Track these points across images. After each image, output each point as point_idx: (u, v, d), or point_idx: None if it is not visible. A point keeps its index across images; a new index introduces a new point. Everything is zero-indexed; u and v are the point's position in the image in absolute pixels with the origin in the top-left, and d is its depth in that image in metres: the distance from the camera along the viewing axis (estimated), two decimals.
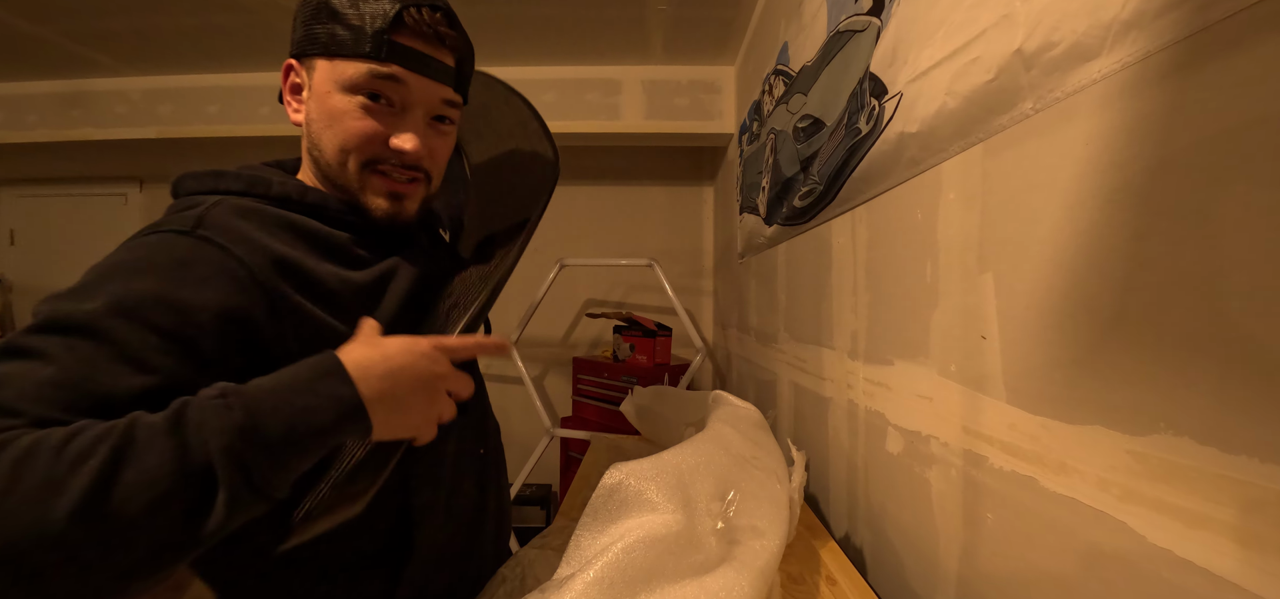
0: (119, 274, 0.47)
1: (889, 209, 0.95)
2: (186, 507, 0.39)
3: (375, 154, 0.60)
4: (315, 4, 0.58)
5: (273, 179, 0.60)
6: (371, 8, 0.56)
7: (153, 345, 0.45)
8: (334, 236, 0.60)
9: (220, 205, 0.54)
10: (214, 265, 0.49)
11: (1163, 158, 0.45)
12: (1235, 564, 0.40)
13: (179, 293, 0.47)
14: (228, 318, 0.48)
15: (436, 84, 0.61)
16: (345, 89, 0.58)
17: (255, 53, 2.45)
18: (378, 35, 0.56)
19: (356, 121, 0.58)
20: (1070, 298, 0.55)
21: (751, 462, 0.79)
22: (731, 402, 1.03)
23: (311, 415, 0.43)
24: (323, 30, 0.58)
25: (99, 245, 2.51)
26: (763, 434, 0.93)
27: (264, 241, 0.53)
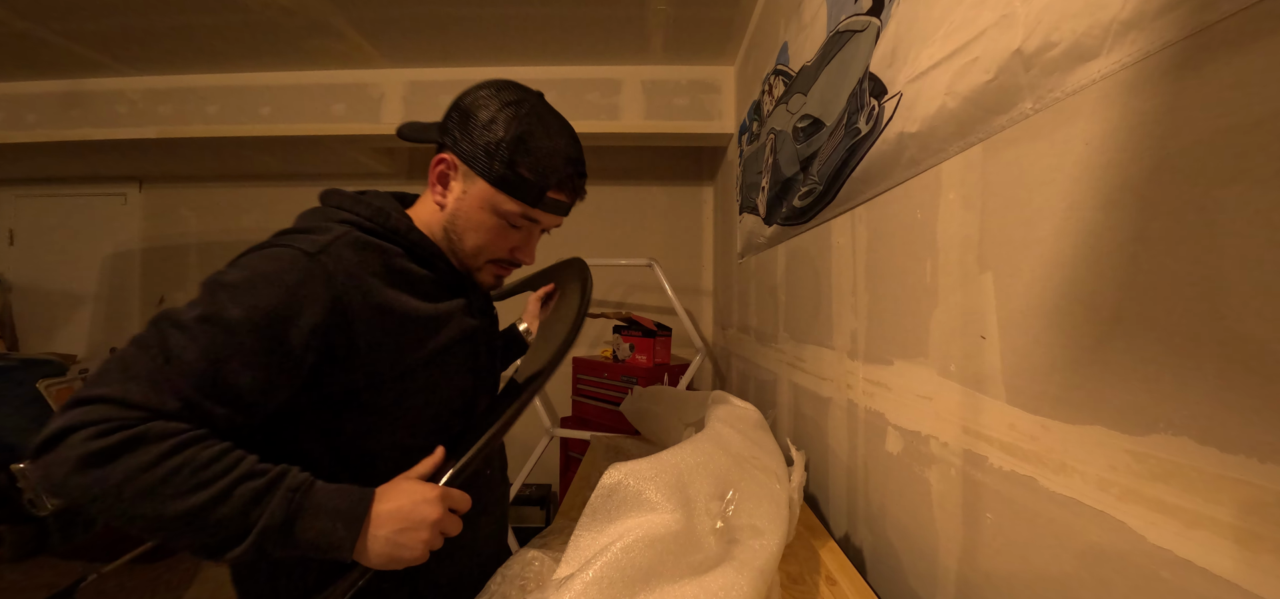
0: (260, 284, 0.62)
1: (889, 209, 0.95)
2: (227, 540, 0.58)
3: (499, 256, 0.80)
4: (504, 142, 0.72)
5: (391, 213, 0.75)
6: (544, 172, 0.73)
7: (269, 349, 0.61)
8: (416, 273, 0.75)
9: (343, 238, 0.69)
10: (320, 289, 0.64)
11: (1163, 158, 0.45)
12: (1234, 564, 0.40)
13: (293, 312, 0.63)
14: (319, 333, 0.64)
15: (558, 217, 0.80)
16: (496, 213, 0.75)
17: (255, 53, 2.45)
18: (537, 190, 0.74)
19: (498, 237, 0.78)
20: (1070, 298, 0.55)
21: (751, 461, 0.79)
22: (731, 401, 1.03)
23: (327, 541, 0.61)
24: (501, 166, 0.72)
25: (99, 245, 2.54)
26: (762, 434, 0.93)
27: (363, 278, 0.68)
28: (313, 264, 0.65)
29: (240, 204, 3.39)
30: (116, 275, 3.42)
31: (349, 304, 0.66)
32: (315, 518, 0.60)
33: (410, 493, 0.65)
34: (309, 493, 0.60)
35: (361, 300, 0.67)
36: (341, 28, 2.23)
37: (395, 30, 2.26)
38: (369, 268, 0.69)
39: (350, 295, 0.66)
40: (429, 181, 0.78)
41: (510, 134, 0.72)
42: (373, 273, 0.69)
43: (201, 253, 3.40)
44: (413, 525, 0.64)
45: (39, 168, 3.22)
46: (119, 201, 3.45)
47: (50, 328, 3.44)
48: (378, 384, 0.70)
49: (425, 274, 0.76)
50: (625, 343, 2.70)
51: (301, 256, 0.65)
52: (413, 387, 0.73)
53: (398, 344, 0.70)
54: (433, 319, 0.74)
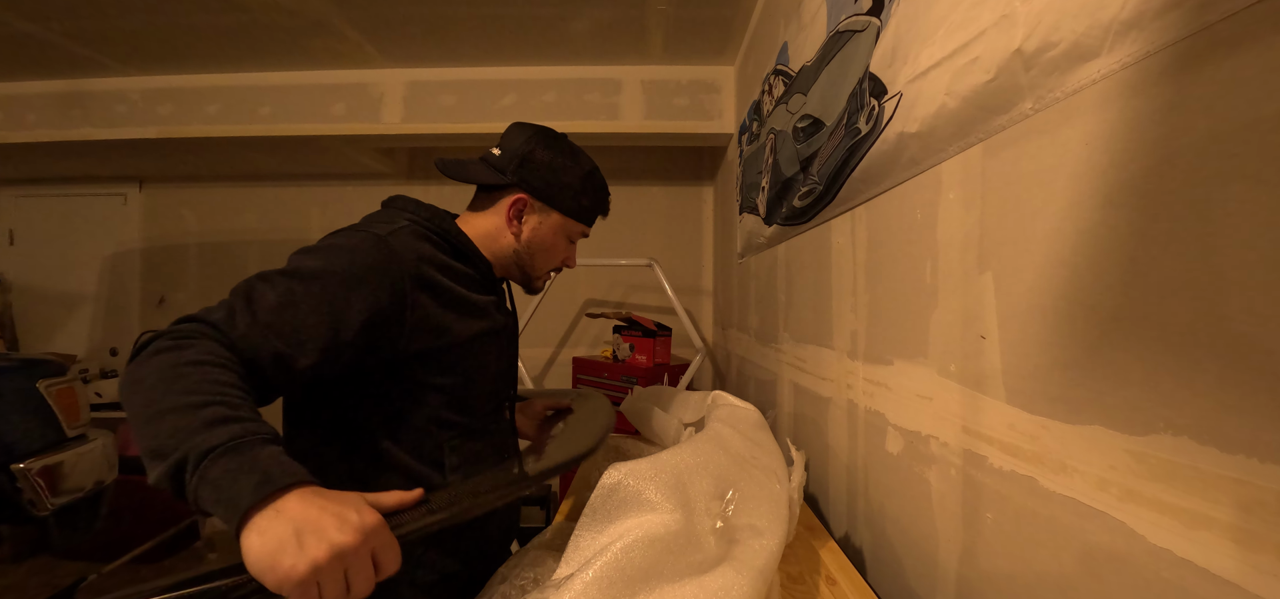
0: (337, 252, 0.74)
1: (889, 209, 0.95)
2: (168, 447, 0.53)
3: (555, 265, 0.99)
4: (569, 183, 0.94)
5: (442, 218, 0.89)
6: (599, 199, 0.99)
7: (337, 307, 0.71)
8: (460, 269, 0.88)
9: (406, 228, 0.82)
10: (388, 263, 0.76)
11: (1163, 158, 0.45)
12: (1234, 564, 0.40)
13: (364, 277, 0.73)
14: (383, 299, 0.74)
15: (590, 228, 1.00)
16: (567, 236, 0.97)
17: (255, 53, 2.45)
18: (590, 214, 0.98)
19: (563, 250, 0.98)
20: (1070, 298, 0.55)
21: (751, 461, 0.79)
22: (730, 402, 1.03)
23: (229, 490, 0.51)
24: (572, 201, 0.94)
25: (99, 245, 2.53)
26: (762, 434, 0.93)
27: (421, 260, 0.80)
28: (382, 243, 0.77)
29: (240, 204, 3.39)
30: (116, 275, 3.42)
31: (409, 278, 0.77)
32: (241, 465, 0.51)
33: (342, 501, 0.53)
34: (261, 445, 0.54)
35: (419, 277, 0.78)
36: (341, 28, 2.23)
37: (395, 30, 2.26)
38: (425, 254, 0.81)
39: (410, 271, 0.77)
40: (503, 214, 0.93)
41: (577, 178, 0.94)
42: (428, 259, 0.81)
43: (201, 253, 3.40)
44: (317, 532, 0.49)
45: (39, 168, 3.22)
46: (119, 201, 3.45)
47: (50, 328, 3.44)
48: (431, 353, 0.81)
49: (468, 271, 0.89)
50: (625, 343, 2.70)
51: (372, 237, 0.77)
52: (459, 359, 0.84)
53: (443, 321, 0.81)
54: (474, 306, 0.87)
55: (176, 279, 3.39)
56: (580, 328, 3.23)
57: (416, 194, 0.94)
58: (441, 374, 0.83)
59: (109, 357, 3.31)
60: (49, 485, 2.03)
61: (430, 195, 0.98)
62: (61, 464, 2.08)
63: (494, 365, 0.92)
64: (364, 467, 0.80)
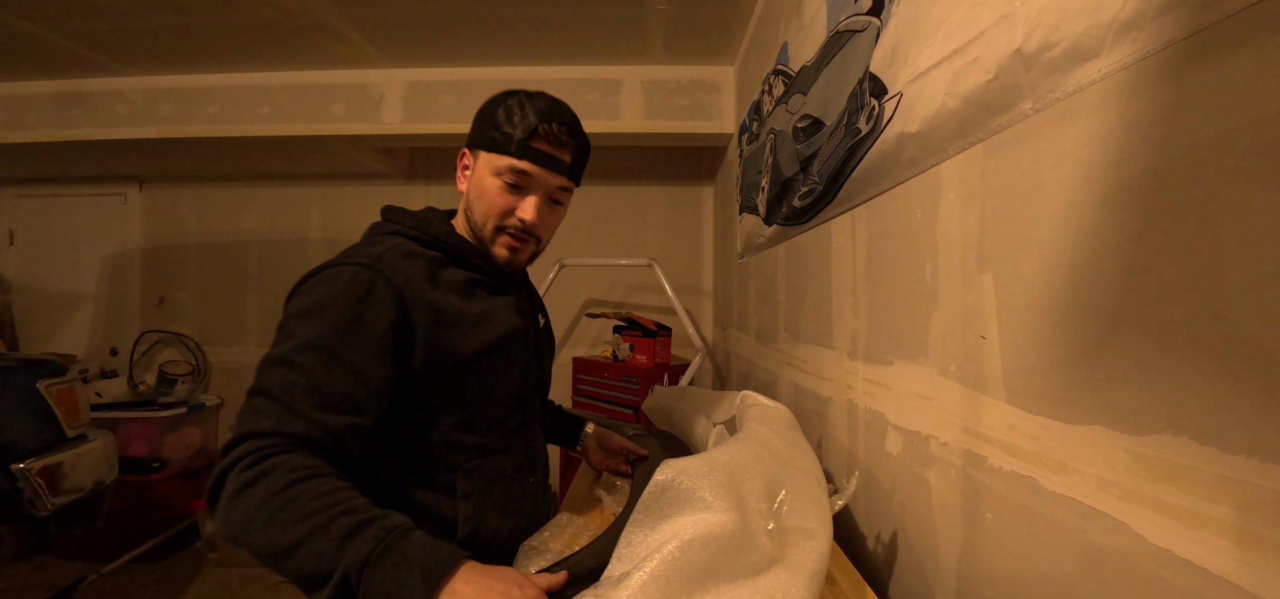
0: (330, 305, 0.71)
1: (889, 209, 0.95)
2: (319, 573, 0.57)
3: (505, 221, 0.84)
4: (489, 116, 0.83)
5: (432, 222, 0.84)
6: (520, 122, 0.80)
7: (360, 354, 0.70)
8: (459, 276, 0.83)
9: (393, 249, 0.78)
10: (383, 293, 0.73)
11: (1163, 158, 0.45)
12: (1234, 564, 0.40)
13: (366, 319, 0.71)
14: (393, 329, 0.73)
15: (554, 174, 0.83)
16: (494, 174, 0.82)
17: (255, 53, 2.45)
18: (520, 142, 0.80)
19: (498, 197, 0.83)
20: (1070, 298, 0.55)
21: (791, 462, 0.78)
22: (762, 402, 1.01)
23: (400, 589, 0.56)
24: (489, 133, 0.82)
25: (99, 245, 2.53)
26: (796, 434, 0.92)
27: (413, 280, 0.76)
28: (371, 272, 0.74)
29: (240, 204, 3.39)
30: (116, 275, 3.42)
31: (408, 301, 0.74)
32: (398, 564, 0.57)
33: (505, 576, 0.60)
34: (404, 537, 0.59)
35: (415, 298, 0.75)
36: (341, 28, 2.23)
37: (395, 30, 2.26)
38: (417, 272, 0.77)
39: (407, 293, 0.75)
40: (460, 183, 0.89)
41: (495, 107, 0.83)
42: (420, 277, 0.77)
43: (201, 253, 3.40)
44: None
45: (39, 168, 3.22)
46: (119, 201, 3.45)
47: (50, 328, 3.44)
48: (434, 376, 0.77)
49: (467, 275, 0.84)
50: (625, 343, 2.70)
51: (360, 269, 0.73)
52: (465, 379, 0.80)
53: (447, 340, 0.77)
54: (477, 317, 0.81)
55: (176, 279, 3.39)
56: (580, 328, 3.23)
57: (417, 194, 0.93)
58: (449, 396, 0.79)
59: (109, 356, 3.31)
60: (49, 485, 2.03)
61: (431, 196, 0.97)
62: (61, 464, 2.08)
63: (513, 375, 0.87)
64: None
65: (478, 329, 0.81)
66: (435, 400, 0.79)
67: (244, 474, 0.60)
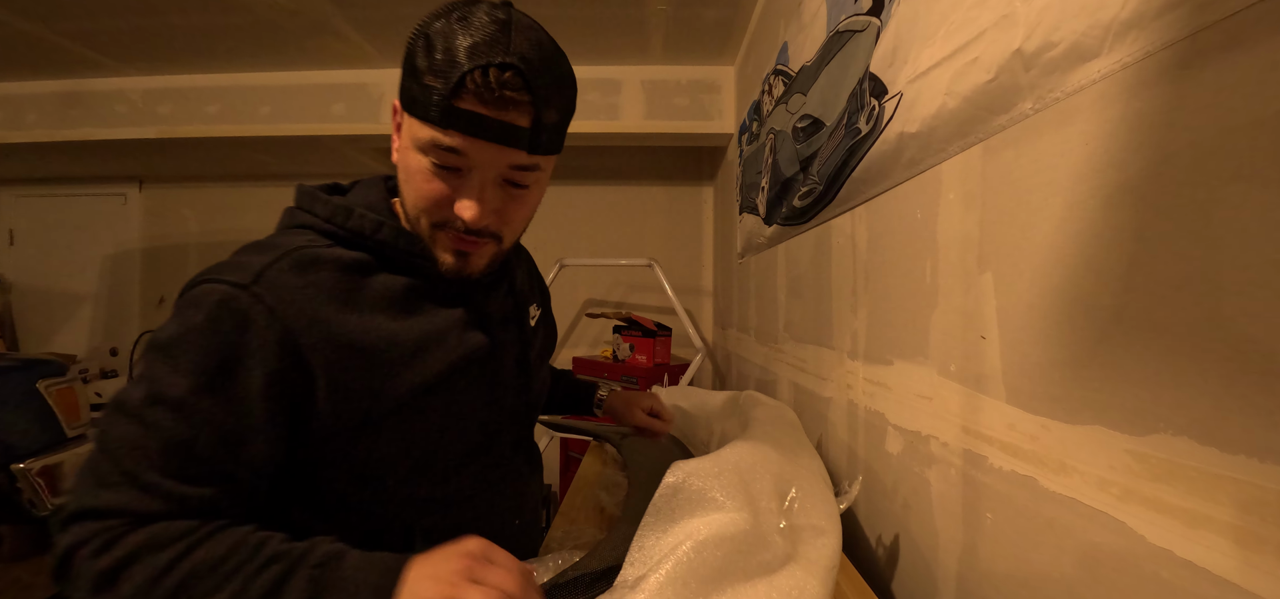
0: (194, 341, 0.53)
1: (889, 209, 0.95)
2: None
3: (442, 217, 0.60)
4: (407, 54, 0.57)
5: (355, 211, 0.62)
6: (440, 73, 0.54)
7: (226, 411, 0.53)
8: (392, 286, 0.62)
9: (286, 258, 0.57)
10: (260, 330, 0.54)
11: (1163, 158, 0.45)
12: (1234, 564, 0.40)
13: (235, 367, 0.53)
14: (272, 381, 0.54)
15: (502, 149, 0.56)
16: (418, 149, 0.58)
17: (255, 53, 2.45)
18: (442, 102, 0.54)
19: (425, 184, 0.58)
20: (1070, 298, 0.55)
21: (798, 460, 0.79)
22: (764, 401, 1.02)
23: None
24: (407, 86, 0.57)
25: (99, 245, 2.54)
26: (800, 433, 0.92)
27: (311, 305, 0.56)
28: (247, 297, 0.54)
29: (240, 204, 3.39)
30: (116, 275, 3.42)
31: (299, 338, 0.55)
32: (340, 594, 0.50)
33: (456, 553, 0.51)
34: (336, 566, 0.51)
35: (312, 332, 0.55)
36: (341, 28, 2.23)
37: (395, 30, 2.26)
38: (319, 291, 0.57)
39: (298, 326, 0.55)
40: None
41: (417, 37, 0.56)
42: (325, 296, 0.57)
43: (201, 253, 3.40)
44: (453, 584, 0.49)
45: (39, 168, 3.22)
46: (119, 201, 3.45)
47: (50, 328, 3.44)
48: (355, 429, 0.59)
49: (406, 282, 0.62)
50: (625, 343, 2.70)
51: (232, 293, 0.54)
52: (405, 424, 0.61)
53: (366, 382, 0.58)
54: (417, 344, 0.61)
55: (176, 279, 3.37)
56: (580, 328, 3.23)
57: None
58: (387, 447, 0.61)
59: (109, 357, 3.31)
60: (49, 485, 2.03)
61: None
62: (61, 464, 2.08)
63: (477, 407, 0.67)
64: None
65: (417, 361, 0.61)
66: (368, 455, 0.60)
67: (101, 560, 0.47)
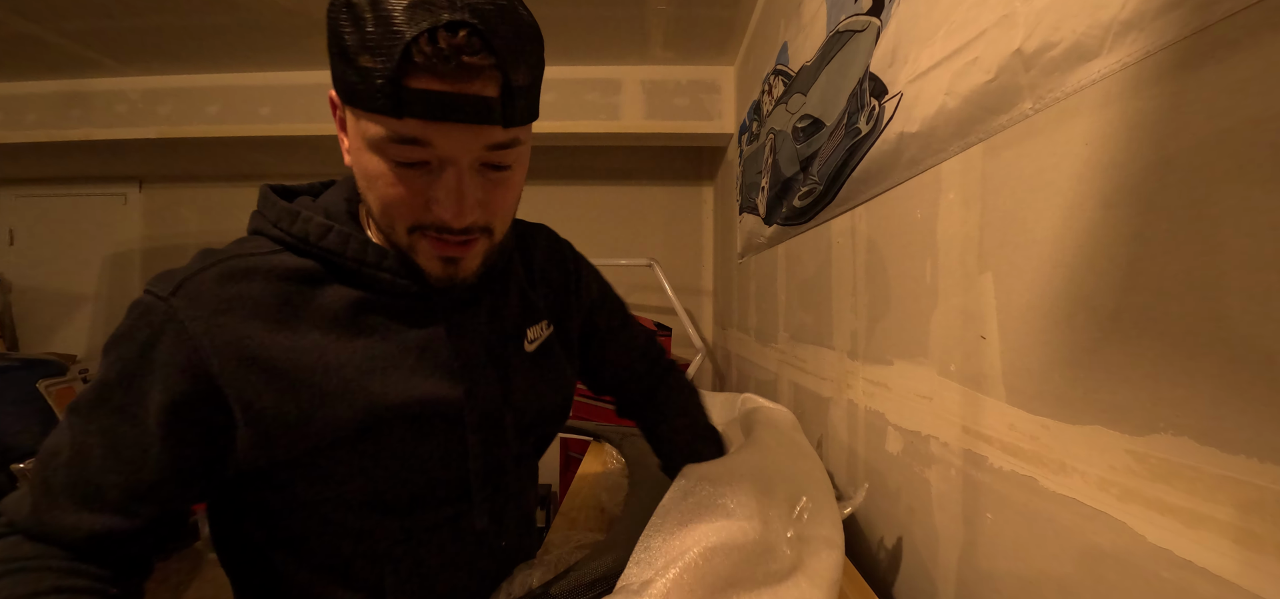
0: (112, 351, 0.50)
1: (889, 209, 0.95)
2: None
3: (419, 220, 0.50)
4: (330, 32, 0.46)
5: (300, 213, 0.54)
6: (377, 49, 0.43)
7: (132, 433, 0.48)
8: (338, 299, 0.53)
9: (216, 268, 0.51)
10: (169, 350, 0.48)
11: (1163, 158, 0.45)
12: (1234, 564, 0.40)
13: (142, 387, 0.48)
14: (177, 409, 0.48)
15: (472, 128, 0.46)
16: (371, 148, 0.47)
17: (255, 53, 2.45)
18: (388, 87, 0.43)
19: (389, 189, 0.48)
20: (1070, 298, 0.55)
21: (806, 469, 0.77)
22: (766, 405, 1.01)
23: None
24: (340, 71, 0.46)
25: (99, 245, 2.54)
26: (801, 436, 0.91)
27: (233, 321, 0.49)
28: (162, 314, 0.48)
29: (240, 204, 3.38)
30: (116, 275, 3.42)
31: (211, 362, 0.48)
32: None
33: None
34: None
35: (229, 354, 0.49)
36: None
37: None
38: (244, 305, 0.50)
39: (211, 348, 0.48)
40: None
41: (336, 14, 0.45)
42: (250, 311, 0.50)
43: None
44: None
45: (39, 168, 3.22)
46: (119, 201, 3.45)
47: (50, 328, 3.44)
48: (286, 468, 0.52)
49: (359, 296, 0.54)
50: None
51: (151, 304, 0.49)
52: (340, 470, 0.53)
53: (292, 415, 0.50)
54: (359, 370, 0.52)
55: None
56: None
57: None
58: (327, 487, 0.54)
59: None
60: None
61: None
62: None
63: (432, 458, 0.57)
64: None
65: (355, 393, 0.51)
66: (311, 494, 0.54)
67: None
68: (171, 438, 0.48)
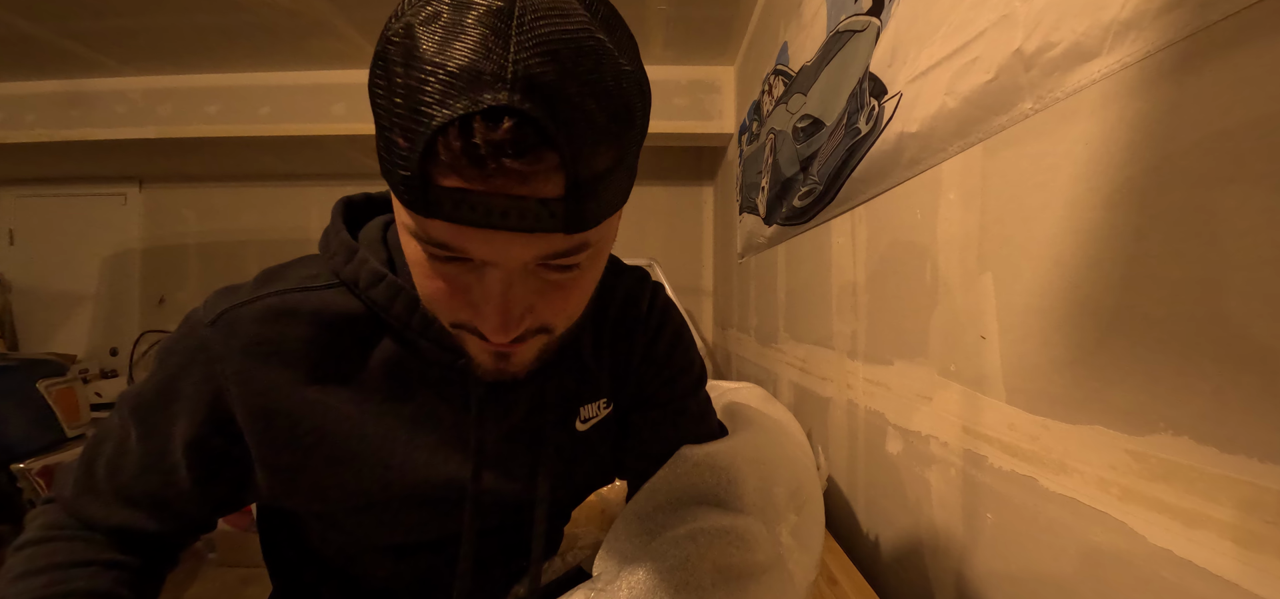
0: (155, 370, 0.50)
1: (889, 209, 0.95)
2: None
3: (460, 320, 0.41)
4: (369, 82, 0.36)
5: (359, 251, 0.48)
6: (404, 125, 0.33)
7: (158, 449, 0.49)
8: (381, 356, 0.49)
9: (260, 302, 0.47)
10: (195, 385, 0.47)
11: (1163, 158, 0.45)
12: (1234, 564, 0.40)
13: (170, 412, 0.48)
14: (195, 447, 0.48)
15: (519, 238, 0.35)
16: (406, 230, 0.39)
17: (255, 53, 2.45)
18: (412, 179, 0.33)
19: (427, 281, 0.40)
20: (1070, 298, 0.55)
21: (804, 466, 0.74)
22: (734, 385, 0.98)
23: None
24: (377, 133, 0.36)
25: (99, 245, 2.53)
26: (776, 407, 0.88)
27: (265, 365, 0.47)
28: (199, 342, 0.47)
29: (240, 204, 3.39)
30: (116, 275, 3.42)
31: (236, 408, 0.46)
32: None
33: None
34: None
35: (254, 404, 0.46)
36: (341, 28, 2.23)
37: None
38: (280, 351, 0.47)
39: (238, 394, 0.46)
40: None
41: (375, 64, 0.35)
42: (284, 359, 0.47)
43: (201, 253, 3.40)
44: None
45: (39, 168, 3.22)
46: (119, 201, 3.45)
47: (50, 328, 3.44)
48: (301, 515, 0.56)
49: (401, 354, 0.49)
50: None
51: (195, 325, 0.48)
52: (353, 529, 0.54)
53: (306, 476, 0.49)
54: (382, 441, 0.49)
55: (176, 279, 3.39)
56: None
57: None
58: (339, 536, 0.57)
59: (109, 357, 3.31)
60: (49, 485, 2.02)
61: None
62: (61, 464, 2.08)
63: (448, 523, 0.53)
64: None
65: (371, 465, 0.49)
66: (322, 539, 0.58)
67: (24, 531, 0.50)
68: (195, 467, 0.49)
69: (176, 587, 2.38)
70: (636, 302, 0.60)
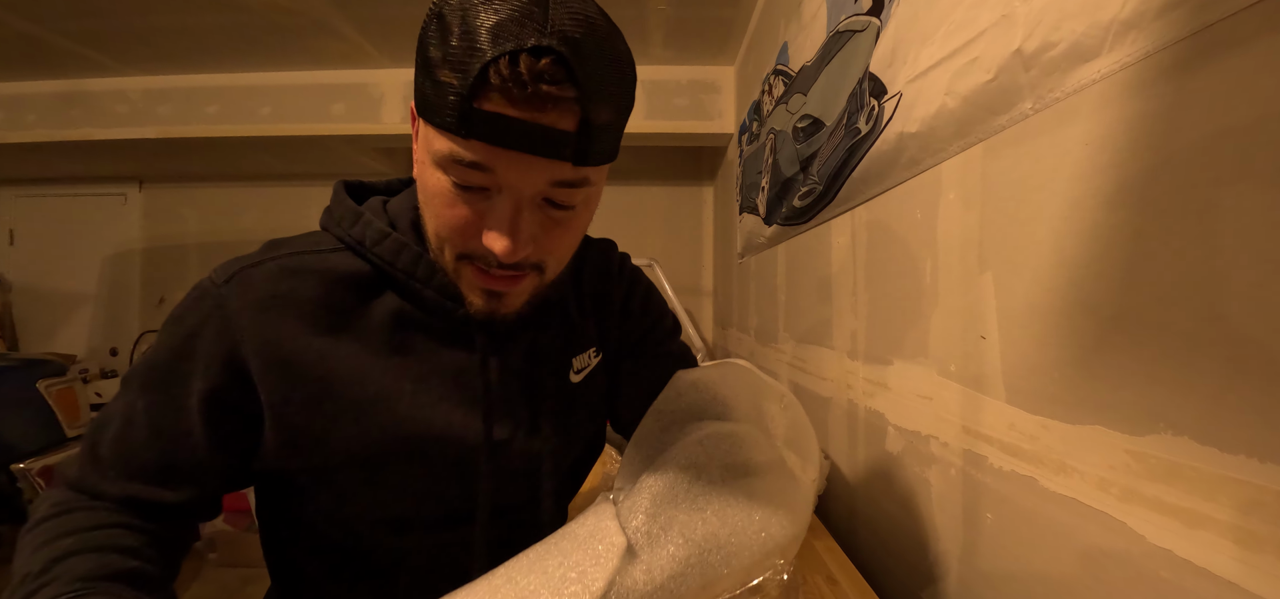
0: (164, 333, 0.52)
1: (889, 209, 0.95)
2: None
3: (469, 248, 0.48)
4: (419, 43, 0.45)
5: (363, 214, 0.54)
6: (457, 65, 0.41)
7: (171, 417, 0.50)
8: (384, 310, 0.53)
9: (272, 262, 0.52)
10: (211, 340, 0.50)
11: (1163, 158, 0.45)
12: (1234, 564, 0.40)
13: (182, 372, 0.50)
14: (210, 399, 0.50)
15: (539, 161, 0.44)
16: (436, 164, 0.46)
17: (255, 53, 2.45)
18: (459, 104, 0.41)
19: (446, 208, 0.47)
20: (1070, 298, 0.55)
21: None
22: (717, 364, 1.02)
23: None
24: (420, 84, 0.45)
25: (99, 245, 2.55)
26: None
27: (277, 319, 0.50)
28: (213, 301, 0.50)
29: (240, 204, 3.39)
30: (116, 275, 3.42)
31: (249, 359, 0.49)
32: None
33: None
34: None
35: (267, 355, 0.50)
36: (341, 28, 2.23)
37: (395, 30, 2.26)
38: (290, 305, 0.51)
39: (252, 347, 0.49)
40: None
41: (429, 21, 0.44)
42: (295, 313, 0.50)
43: (201, 253, 3.40)
44: None
45: (39, 168, 3.22)
46: (119, 201, 3.45)
47: (50, 328, 3.44)
48: (306, 478, 0.54)
49: (404, 309, 0.54)
50: None
51: (206, 289, 0.51)
52: (356, 490, 0.54)
53: (313, 427, 0.51)
54: (385, 389, 0.52)
55: (176, 279, 3.39)
56: None
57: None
58: (343, 505, 0.56)
59: (109, 357, 3.31)
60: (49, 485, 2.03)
61: None
62: (61, 464, 2.08)
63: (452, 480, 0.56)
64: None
65: (376, 413, 0.52)
66: (327, 508, 0.56)
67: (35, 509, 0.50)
68: (210, 425, 0.50)
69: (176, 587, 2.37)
70: (608, 263, 0.70)
